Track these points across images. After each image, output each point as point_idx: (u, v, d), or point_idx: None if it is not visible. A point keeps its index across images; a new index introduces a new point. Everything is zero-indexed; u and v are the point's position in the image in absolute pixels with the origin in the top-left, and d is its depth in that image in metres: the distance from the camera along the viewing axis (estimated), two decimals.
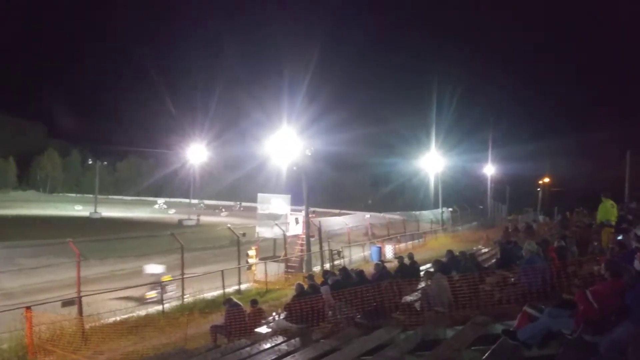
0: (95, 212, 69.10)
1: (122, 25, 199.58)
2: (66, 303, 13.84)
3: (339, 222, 34.91)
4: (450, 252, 15.69)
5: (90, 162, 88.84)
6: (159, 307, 16.82)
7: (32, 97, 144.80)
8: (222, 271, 19.59)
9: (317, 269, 24.24)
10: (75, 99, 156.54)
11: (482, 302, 10.05)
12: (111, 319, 14.63)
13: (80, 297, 14.23)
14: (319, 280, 14.92)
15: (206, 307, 17.22)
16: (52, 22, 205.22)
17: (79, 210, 77.32)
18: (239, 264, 21.81)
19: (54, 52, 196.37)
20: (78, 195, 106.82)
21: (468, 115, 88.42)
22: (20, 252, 26.46)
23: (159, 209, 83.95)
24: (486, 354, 6.65)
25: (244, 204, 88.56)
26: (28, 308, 12.40)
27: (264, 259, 24.67)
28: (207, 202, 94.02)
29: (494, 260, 17.87)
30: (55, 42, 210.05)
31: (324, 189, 74.57)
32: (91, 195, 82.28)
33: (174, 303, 17.51)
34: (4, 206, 79.80)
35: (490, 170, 57.94)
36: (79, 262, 14.75)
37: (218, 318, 13.73)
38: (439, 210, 50.88)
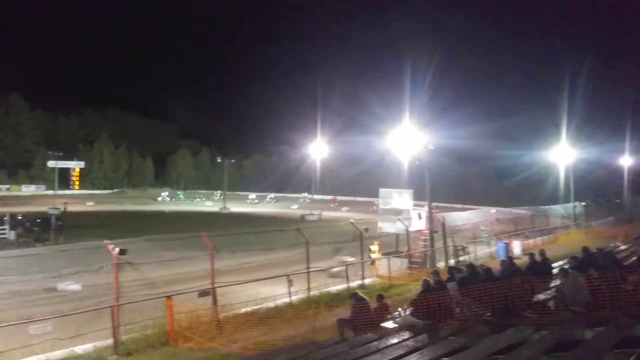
0: (225, 207, 72.71)
1: (247, 27, 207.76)
2: (202, 293, 14.68)
3: (463, 217, 34.03)
4: (586, 248, 14.79)
5: (219, 160, 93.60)
6: (287, 300, 17.35)
7: (166, 101, 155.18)
8: (345, 266, 19.84)
9: (441, 264, 23.83)
10: (204, 101, 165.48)
11: (624, 302, 9.42)
12: (242, 310, 15.34)
13: (214, 288, 15.04)
14: (444, 276, 14.67)
15: (331, 300, 17.52)
16: (182, 28, 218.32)
17: (209, 205, 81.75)
18: (362, 258, 21.96)
19: (185, 57, 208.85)
20: (209, 191, 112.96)
21: (602, 104, 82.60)
22: (158, 245, 28.42)
23: (250, 204, 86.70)
24: (631, 358, 6.17)
25: (339, 198, 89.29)
26: (169, 297, 13.30)
27: (386, 254, 24.66)
28: (310, 196, 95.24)
29: (634, 258, 16.62)
30: (185, 48, 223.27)
31: (447, 183, 72.96)
32: (220, 192, 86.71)
33: (301, 296, 17.97)
34: (142, 202, 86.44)
35: (627, 161, 53.83)
36: (213, 255, 15.57)
37: (343, 312, 13.89)
38: (571, 204, 48.07)
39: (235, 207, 74.33)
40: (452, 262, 24.61)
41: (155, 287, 17.66)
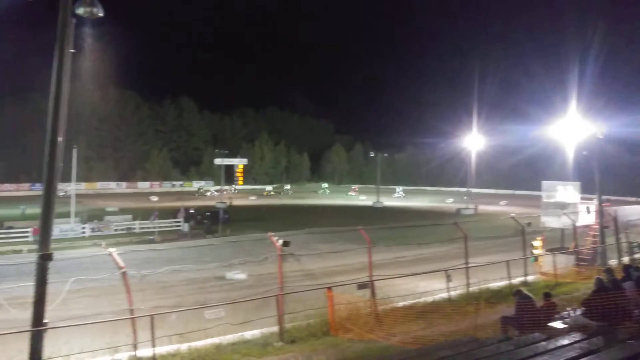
0: (378, 201, 73.26)
1: (398, 20, 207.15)
2: (361, 286, 14.92)
3: (638, 211, 31.01)
4: None
5: (371, 155, 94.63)
6: (445, 295, 17.08)
7: (321, 98, 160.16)
8: (507, 261, 19.04)
9: (613, 262, 21.96)
10: (357, 97, 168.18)
11: None
12: (401, 303, 15.37)
13: (372, 281, 15.23)
14: (618, 275, 13.54)
15: (492, 297, 16.93)
16: (334, 27, 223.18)
17: (363, 199, 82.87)
18: (524, 254, 20.92)
19: (338, 56, 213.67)
20: (362, 185, 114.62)
21: None
22: (318, 237, 29.47)
23: (397, 197, 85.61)
24: None
25: (496, 191, 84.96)
26: (329, 288, 13.69)
27: (550, 250, 23.26)
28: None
29: None
30: (337, 46, 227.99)
31: (619, 175, 67.04)
32: (373, 186, 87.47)
33: (460, 291, 17.58)
34: (300, 197, 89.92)
35: None
36: (370, 248, 15.76)
37: (505, 309, 13.36)
38: None
39: (387, 201, 74.67)
40: (626, 259, 22.56)
41: (315, 278, 18.29)
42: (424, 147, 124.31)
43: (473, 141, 78.60)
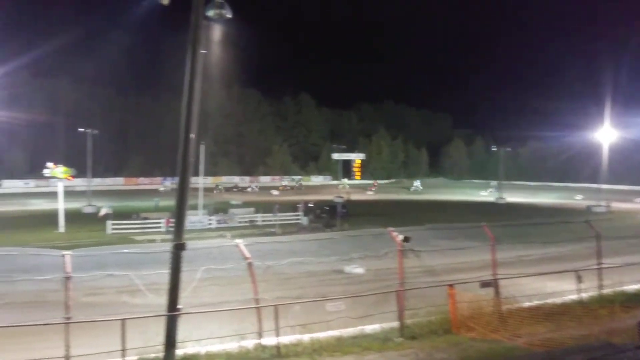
0: (501, 197, 70.63)
1: (517, 15, 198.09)
2: (484, 284, 14.46)
3: None
4: None
5: (493, 149, 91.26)
6: (575, 297, 16.11)
7: (439, 92, 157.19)
8: None
9: None
10: (477, 90, 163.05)
11: None
12: (526, 304, 14.70)
13: (496, 279, 14.70)
14: None
15: (628, 300, 15.73)
16: (452, 15, 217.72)
17: (485, 195, 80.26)
18: None
19: (457, 48, 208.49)
20: (483, 181, 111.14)
21: None
22: (436, 234, 28.87)
23: (489, 194, 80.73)
24: None
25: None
26: (451, 286, 13.40)
27: None
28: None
29: None
30: (457, 39, 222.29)
31: None
32: (495, 181, 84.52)
33: (591, 293, 16.51)
34: (418, 192, 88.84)
35: None
36: (494, 245, 15.22)
37: None
38: None
39: (511, 197, 71.78)
40: None
41: (436, 274, 17.95)
42: (549, 141, 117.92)
43: (605, 134, 73.29)
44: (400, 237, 13.72)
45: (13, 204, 60.41)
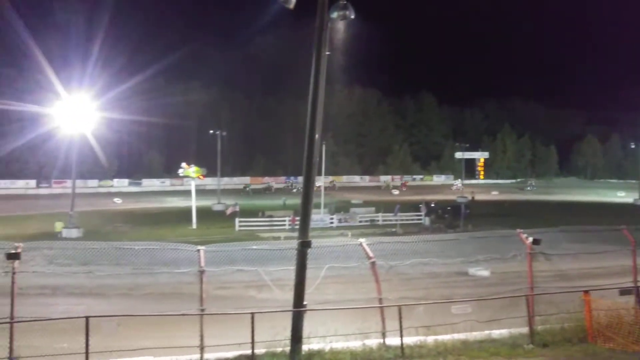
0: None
1: None
2: (623, 291, 13.44)
3: None
4: None
5: (632, 147, 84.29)
6: None
7: (570, 86, 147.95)
8: None
9: None
10: (612, 84, 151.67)
11: None
12: None
13: (638, 287, 13.62)
14: None
15: None
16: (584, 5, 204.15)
17: (622, 196, 74.53)
18: None
19: (584, 42, 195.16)
20: (620, 181, 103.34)
21: None
22: (568, 236, 27.19)
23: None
24: None
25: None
26: (586, 292, 12.59)
27: None
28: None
29: None
30: (585, 28, 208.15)
31: None
32: (634, 181, 78.04)
33: None
34: (547, 192, 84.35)
35: None
36: (634, 250, 14.12)
37: None
38: None
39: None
40: None
41: (569, 280, 16.97)
42: None
43: None
44: (530, 239, 13.10)
45: (151, 201, 65.11)
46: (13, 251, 11.03)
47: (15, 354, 10.76)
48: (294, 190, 77.21)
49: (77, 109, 41.02)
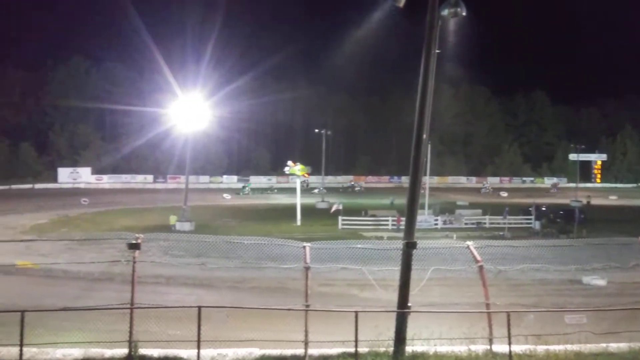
0: None
1: None
2: None
3: None
4: None
5: None
6: None
7: None
8: None
9: None
10: None
11: None
12: None
13: None
14: None
15: None
16: None
17: None
18: None
19: None
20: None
21: None
22: None
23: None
24: None
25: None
26: None
27: None
28: None
29: None
30: None
31: None
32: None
33: None
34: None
35: None
36: None
37: None
38: None
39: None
40: None
41: None
42: None
43: None
44: None
45: (259, 198, 67.20)
46: (134, 241, 11.79)
47: (134, 337, 11.46)
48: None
49: (191, 108, 43.16)
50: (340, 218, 42.08)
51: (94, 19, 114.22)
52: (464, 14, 10.48)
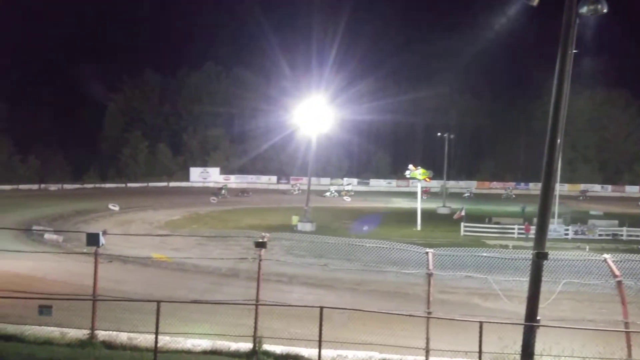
0: None
1: None
2: None
3: None
4: None
5: None
6: None
7: None
8: None
9: None
10: None
11: None
12: None
13: None
14: None
15: None
16: None
17: None
18: None
19: None
20: None
21: None
22: None
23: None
24: None
25: None
26: None
27: None
28: None
29: None
30: None
31: None
32: None
33: None
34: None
35: None
36: None
37: None
38: None
39: None
40: None
41: None
42: None
43: None
44: None
45: (377, 201, 67.13)
46: (260, 240, 12.22)
47: (257, 333, 11.88)
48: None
49: (314, 111, 44.10)
50: (462, 224, 40.99)
51: (225, 27, 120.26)
52: (605, 10, 9.79)
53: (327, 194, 70.63)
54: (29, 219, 40.20)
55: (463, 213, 44.59)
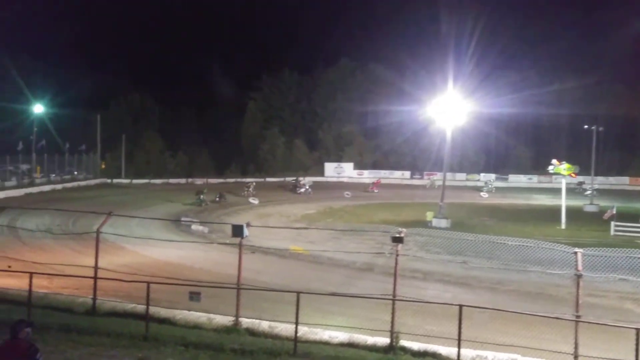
0: None
1: None
2: None
3: None
4: None
5: None
6: None
7: None
8: None
9: None
10: None
11: None
12: None
13: None
14: None
15: None
16: None
17: None
18: None
19: None
20: None
21: None
22: None
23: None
24: None
25: None
26: None
27: None
28: None
29: None
30: None
31: None
32: None
33: None
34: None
35: None
36: None
37: None
38: None
39: None
40: None
41: None
42: None
43: None
44: None
45: (517, 197, 64.19)
46: (398, 235, 12.17)
47: (394, 328, 11.87)
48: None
49: (450, 105, 43.07)
50: (612, 223, 37.97)
51: (358, 21, 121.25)
52: None
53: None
54: (177, 212, 43.09)
55: (614, 211, 41.21)
